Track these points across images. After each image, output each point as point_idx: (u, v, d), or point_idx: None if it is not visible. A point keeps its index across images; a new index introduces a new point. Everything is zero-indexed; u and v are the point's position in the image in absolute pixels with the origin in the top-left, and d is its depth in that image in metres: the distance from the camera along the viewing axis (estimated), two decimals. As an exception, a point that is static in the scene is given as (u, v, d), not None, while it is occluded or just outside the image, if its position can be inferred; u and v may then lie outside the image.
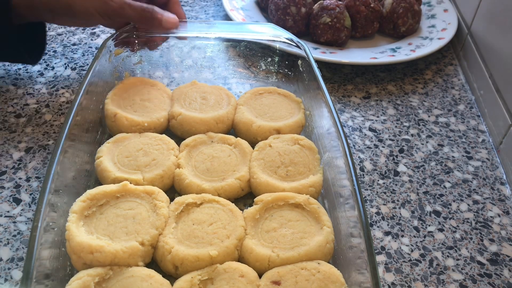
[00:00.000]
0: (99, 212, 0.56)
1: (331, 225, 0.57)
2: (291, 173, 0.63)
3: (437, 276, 0.59)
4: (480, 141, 0.79)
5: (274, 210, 0.58)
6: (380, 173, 0.72)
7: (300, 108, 0.73)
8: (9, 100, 0.79)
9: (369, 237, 0.49)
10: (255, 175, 0.62)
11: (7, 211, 0.62)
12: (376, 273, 0.46)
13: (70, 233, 0.52)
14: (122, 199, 0.57)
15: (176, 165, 0.63)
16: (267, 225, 0.57)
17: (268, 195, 0.59)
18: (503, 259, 0.62)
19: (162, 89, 0.75)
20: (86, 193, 0.57)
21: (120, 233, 0.53)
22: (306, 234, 0.56)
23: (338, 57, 0.89)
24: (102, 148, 0.64)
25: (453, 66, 0.97)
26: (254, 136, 0.69)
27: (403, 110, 0.84)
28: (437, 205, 0.68)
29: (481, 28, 0.92)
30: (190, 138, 0.67)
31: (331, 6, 0.92)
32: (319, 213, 0.58)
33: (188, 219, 0.56)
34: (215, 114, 0.70)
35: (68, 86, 0.83)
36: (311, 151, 0.66)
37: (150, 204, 0.57)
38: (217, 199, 0.59)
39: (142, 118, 0.68)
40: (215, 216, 0.57)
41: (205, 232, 0.55)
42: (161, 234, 0.55)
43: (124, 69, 0.77)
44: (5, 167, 0.68)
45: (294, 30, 0.95)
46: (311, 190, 0.61)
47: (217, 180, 0.62)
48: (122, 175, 0.60)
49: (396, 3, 0.97)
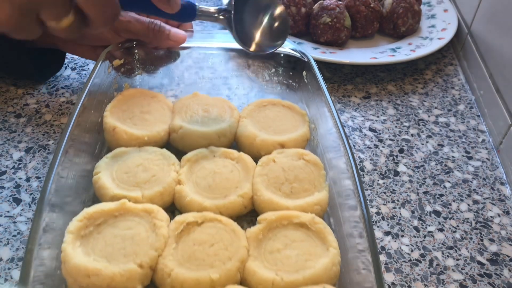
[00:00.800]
0: (97, 232, 0.53)
1: (337, 246, 0.54)
2: (295, 190, 0.61)
3: (437, 276, 0.59)
4: (480, 141, 0.79)
5: (278, 230, 0.56)
6: (380, 173, 0.72)
7: (305, 121, 0.71)
8: (9, 100, 0.79)
9: (378, 267, 0.47)
10: (258, 192, 0.60)
11: (7, 211, 0.62)
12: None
13: (66, 254, 0.50)
14: (121, 218, 0.55)
15: (176, 182, 0.61)
16: (270, 245, 0.55)
17: (272, 214, 0.57)
18: (503, 259, 0.62)
19: (163, 101, 0.72)
20: (83, 211, 0.54)
21: (118, 254, 0.51)
22: (311, 255, 0.53)
23: (338, 57, 0.89)
24: (100, 163, 0.62)
25: (453, 66, 0.97)
26: (258, 151, 0.67)
27: (403, 110, 0.85)
28: (437, 205, 0.68)
29: (481, 28, 0.92)
30: (191, 153, 0.65)
31: (331, 6, 0.92)
32: (325, 233, 0.55)
33: (189, 239, 0.54)
34: (217, 127, 0.68)
35: (68, 86, 0.83)
36: (317, 166, 0.63)
37: (150, 223, 0.55)
38: (219, 217, 0.56)
39: (142, 132, 0.66)
40: (216, 237, 0.54)
41: (206, 253, 0.52)
42: (160, 255, 0.52)
43: (124, 80, 0.75)
44: (5, 167, 0.68)
45: (294, 30, 0.95)
46: (317, 209, 0.58)
47: (219, 197, 0.60)
48: (121, 192, 0.58)
49: (396, 3, 0.97)
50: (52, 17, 0.46)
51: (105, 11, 0.49)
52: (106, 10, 0.49)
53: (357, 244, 0.53)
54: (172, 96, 0.81)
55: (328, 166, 0.64)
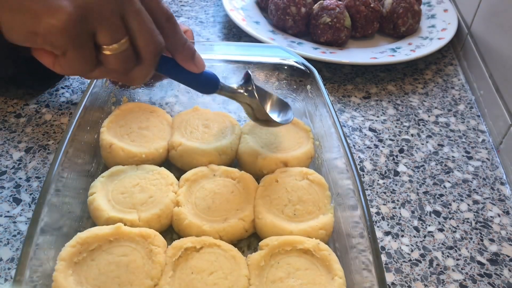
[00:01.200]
0: (90, 258, 0.51)
1: (343, 275, 0.51)
2: (299, 213, 0.58)
3: (437, 276, 0.59)
4: (480, 141, 0.79)
5: (280, 256, 0.53)
6: (380, 173, 0.72)
7: (309, 137, 0.68)
8: (9, 100, 0.79)
9: (380, 267, 0.46)
10: (260, 215, 0.58)
11: (7, 211, 0.62)
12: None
13: (58, 285, 0.48)
14: (116, 243, 0.52)
15: (174, 203, 0.59)
16: (273, 274, 0.52)
17: (275, 239, 0.54)
18: (503, 259, 0.62)
19: (162, 115, 0.70)
20: (76, 236, 0.52)
21: (112, 283, 0.49)
22: (316, 285, 0.50)
23: (338, 57, 0.89)
24: (96, 183, 0.59)
25: (453, 66, 0.97)
26: (260, 169, 0.64)
27: (403, 110, 0.85)
28: (437, 205, 0.68)
29: (481, 28, 0.92)
30: (190, 172, 0.62)
31: (331, 6, 0.92)
32: (330, 260, 0.52)
33: (187, 267, 0.52)
34: (217, 144, 0.65)
35: (68, 86, 0.83)
36: (321, 187, 0.61)
37: (146, 249, 0.52)
38: (219, 243, 0.54)
39: (139, 149, 0.64)
40: (216, 264, 0.52)
41: (204, 282, 0.50)
42: (156, 284, 0.50)
43: (122, 93, 0.73)
44: (5, 167, 0.68)
45: (294, 30, 0.95)
46: (321, 233, 0.56)
47: (219, 220, 0.57)
48: (117, 215, 0.56)
49: (396, 3, 0.97)
50: (108, 37, 0.44)
51: (155, 42, 0.47)
52: (155, 40, 0.47)
53: (357, 244, 0.53)
54: (171, 109, 0.78)
55: (334, 187, 0.61)
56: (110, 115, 0.68)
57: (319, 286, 0.51)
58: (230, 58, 0.76)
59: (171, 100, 0.79)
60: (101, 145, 0.64)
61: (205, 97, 0.78)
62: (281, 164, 0.64)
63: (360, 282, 0.50)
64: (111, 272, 0.50)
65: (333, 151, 0.63)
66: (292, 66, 0.74)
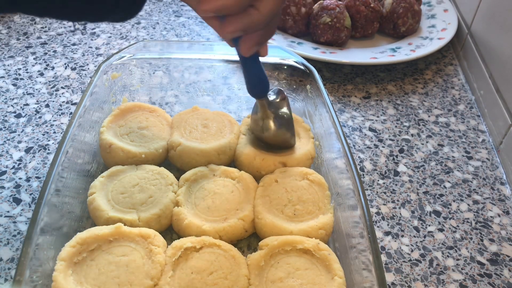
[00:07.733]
0: (90, 258, 0.51)
1: (343, 275, 0.51)
2: (299, 213, 0.58)
3: (437, 276, 0.59)
4: (480, 141, 0.79)
5: (280, 256, 0.53)
6: (380, 173, 0.72)
7: (309, 137, 0.68)
8: (9, 100, 0.79)
9: (380, 267, 0.46)
10: (260, 215, 0.57)
11: (7, 211, 0.62)
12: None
13: (57, 285, 0.47)
14: (115, 244, 0.52)
15: (174, 203, 0.59)
16: (272, 274, 0.52)
17: (274, 239, 0.54)
18: (503, 259, 0.62)
19: (162, 115, 0.70)
20: (76, 236, 0.52)
21: (112, 283, 0.49)
22: (315, 285, 0.50)
23: (338, 57, 0.89)
24: (96, 183, 0.59)
25: (453, 66, 0.97)
26: (258, 170, 0.64)
27: (403, 110, 0.85)
28: (437, 205, 0.68)
29: (481, 28, 0.92)
30: (190, 172, 0.62)
31: (331, 6, 0.92)
32: (330, 260, 0.52)
33: (187, 267, 0.52)
34: (216, 144, 0.65)
35: (68, 86, 0.83)
36: (321, 187, 0.61)
37: (146, 249, 0.52)
38: (218, 243, 0.54)
39: (139, 149, 0.64)
40: (216, 264, 0.52)
41: (204, 282, 0.50)
42: (156, 284, 0.50)
43: (122, 93, 0.73)
44: (5, 167, 0.68)
45: (294, 30, 0.95)
46: (321, 233, 0.56)
47: (219, 220, 0.57)
48: (116, 215, 0.56)
49: (396, 3, 0.97)
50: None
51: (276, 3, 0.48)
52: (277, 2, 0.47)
53: (357, 244, 0.53)
54: (170, 109, 0.79)
55: (333, 187, 0.61)
56: (110, 115, 0.68)
57: (319, 286, 0.51)
58: (230, 58, 0.76)
59: (171, 100, 0.79)
60: (100, 145, 0.64)
61: (205, 97, 0.78)
62: (279, 165, 0.64)
63: (360, 282, 0.50)
64: (110, 272, 0.50)
65: (333, 151, 0.63)
66: (292, 66, 0.74)
